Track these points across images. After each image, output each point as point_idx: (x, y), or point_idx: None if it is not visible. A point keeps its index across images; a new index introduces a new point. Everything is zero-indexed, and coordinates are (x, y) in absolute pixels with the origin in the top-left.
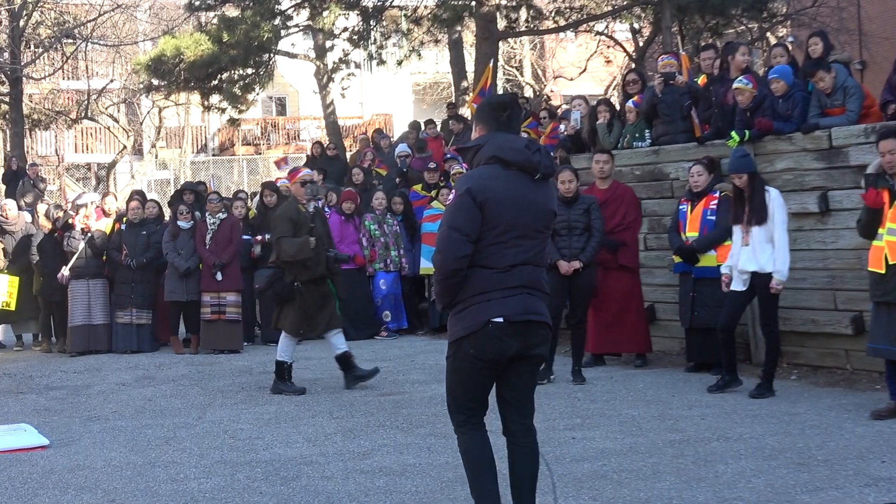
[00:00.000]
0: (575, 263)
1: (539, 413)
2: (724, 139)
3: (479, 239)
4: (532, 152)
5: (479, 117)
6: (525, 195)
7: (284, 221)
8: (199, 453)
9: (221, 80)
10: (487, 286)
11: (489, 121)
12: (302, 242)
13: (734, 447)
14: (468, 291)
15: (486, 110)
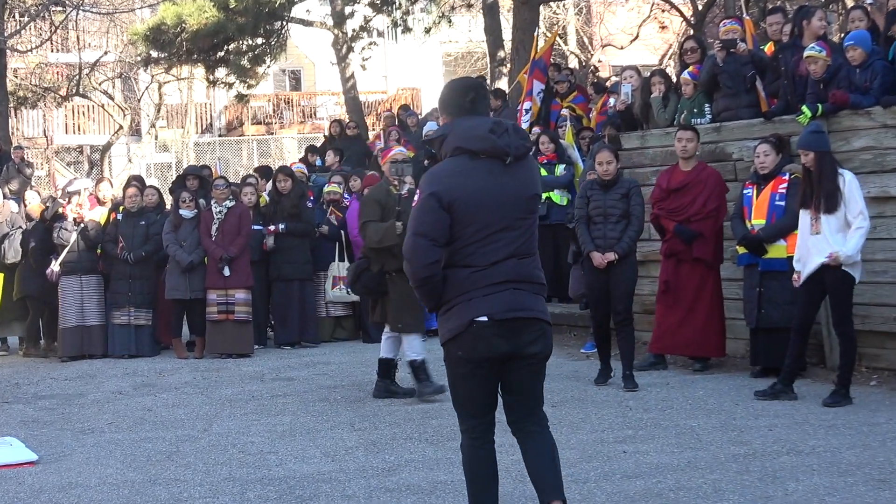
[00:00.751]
0: (609, 255)
1: (586, 424)
2: (794, 114)
3: (453, 239)
4: (498, 136)
5: (441, 104)
6: (498, 185)
7: (371, 204)
8: (204, 470)
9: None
10: (468, 285)
11: (451, 107)
12: (388, 227)
13: (806, 462)
14: (450, 292)
15: (448, 96)
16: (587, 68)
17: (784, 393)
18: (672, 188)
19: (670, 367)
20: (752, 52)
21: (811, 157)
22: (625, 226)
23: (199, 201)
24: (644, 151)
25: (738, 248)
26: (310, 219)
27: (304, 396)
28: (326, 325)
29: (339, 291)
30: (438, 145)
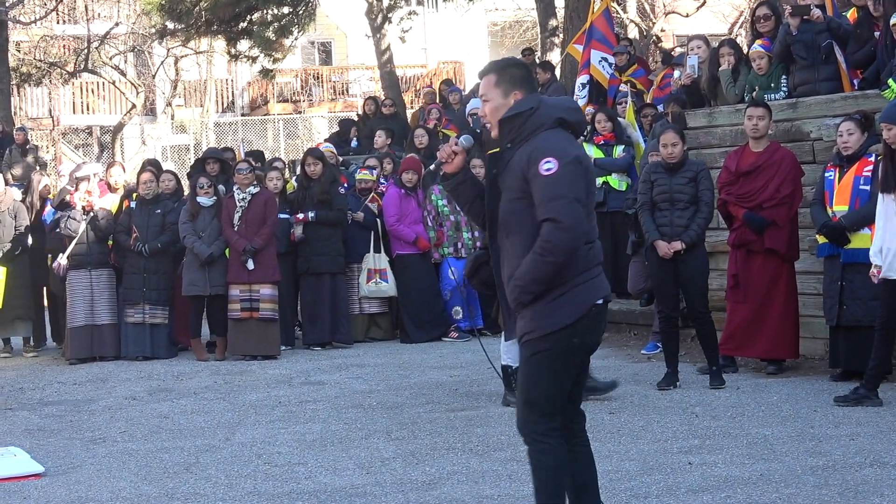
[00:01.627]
0: (676, 244)
1: (648, 432)
2: (879, 88)
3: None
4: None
5: (514, 79)
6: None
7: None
8: (226, 483)
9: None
10: (583, 265)
11: (526, 83)
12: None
13: (892, 475)
14: (568, 272)
15: (519, 71)
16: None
17: (867, 398)
18: (742, 171)
19: (741, 370)
20: (829, 19)
21: (894, 133)
22: (693, 212)
23: (218, 188)
24: (711, 130)
25: (818, 237)
26: (342, 206)
27: (335, 402)
28: (360, 323)
29: (373, 286)
30: (524, 119)
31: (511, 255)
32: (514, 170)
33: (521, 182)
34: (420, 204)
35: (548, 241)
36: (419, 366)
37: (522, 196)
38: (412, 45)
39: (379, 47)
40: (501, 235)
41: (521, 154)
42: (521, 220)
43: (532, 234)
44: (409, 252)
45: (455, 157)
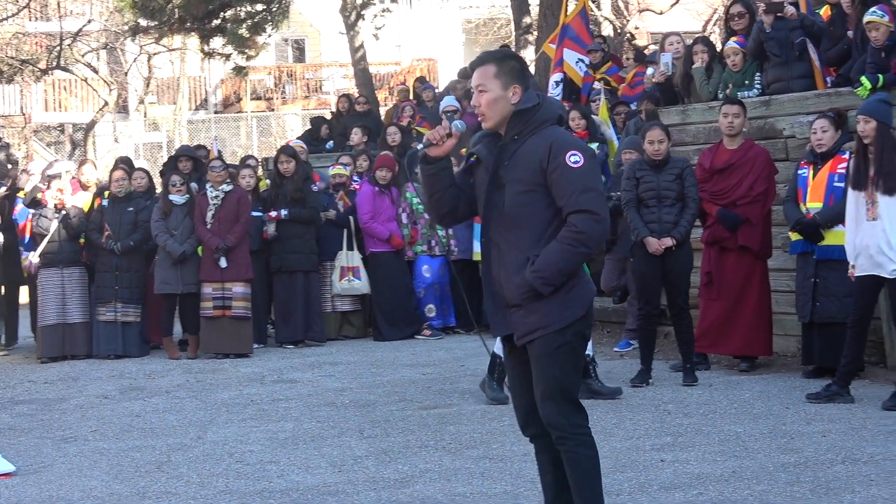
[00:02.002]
0: (666, 241)
1: (620, 430)
2: (852, 86)
3: None
4: None
5: (516, 73)
6: None
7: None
8: (198, 481)
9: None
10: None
11: (524, 76)
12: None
13: (863, 471)
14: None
15: (518, 64)
16: (622, 36)
17: (839, 395)
18: (716, 168)
19: (713, 368)
20: (803, 16)
21: (871, 127)
22: (680, 209)
23: (190, 185)
24: (685, 128)
25: (792, 234)
26: (315, 204)
27: (308, 400)
28: (333, 321)
29: (347, 283)
30: (533, 114)
31: (512, 249)
32: (526, 161)
33: (534, 174)
34: (394, 201)
35: (583, 232)
36: (392, 364)
37: (532, 189)
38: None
39: (353, 44)
40: (499, 229)
41: (533, 146)
42: (530, 213)
43: (540, 227)
44: (383, 250)
45: (447, 141)
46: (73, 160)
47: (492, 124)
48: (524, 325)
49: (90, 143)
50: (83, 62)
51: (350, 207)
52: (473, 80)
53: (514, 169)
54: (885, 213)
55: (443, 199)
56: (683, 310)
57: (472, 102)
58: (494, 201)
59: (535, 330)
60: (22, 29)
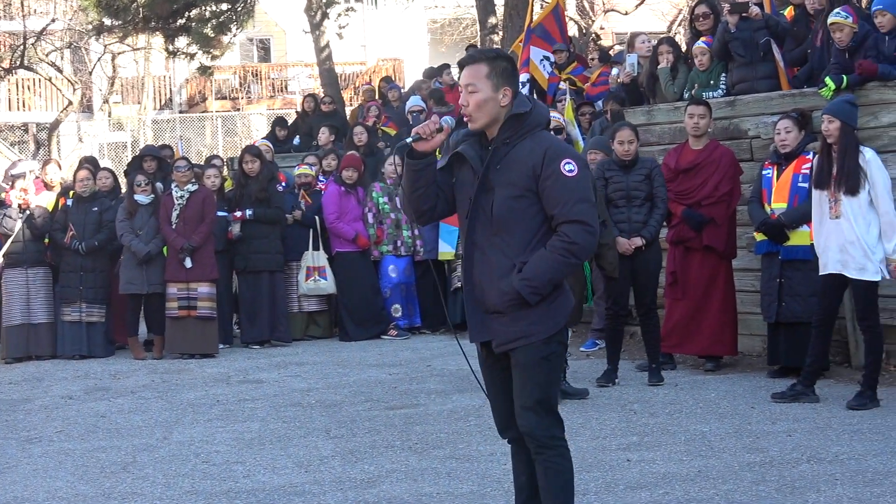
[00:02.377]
0: (636, 240)
1: (587, 429)
2: (817, 87)
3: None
4: None
5: (504, 74)
6: None
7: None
8: (164, 482)
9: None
10: None
11: (515, 79)
12: None
13: (828, 470)
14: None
15: (509, 65)
16: (588, 36)
17: (804, 395)
18: (681, 168)
19: (679, 367)
20: (767, 16)
21: (835, 127)
22: (649, 209)
23: (155, 185)
24: (650, 128)
25: (756, 234)
26: (280, 204)
27: (274, 400)
28: (299, 321)
29: (312, 283)
30: (526, 118)
31: (497, 254)
32: (519, 166)
33: (526, 180)
34: (360, 201)
35: (575, 242)
36: (358, 364)
37: (524, 194)
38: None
39: (318, 44)
40: (485, 233)
41: (525, 151)
42: (520, 218)
43: (528, 234)
44: (349, 250)
45: (436, 136)
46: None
47: (479, 126)
48: (506, 333)
49: (54, 143)
50: (47, 61)
51: (315, 207)
52: (463, 78)
53: (505, 173)
54: (848, 212)
55: (425, 195)
56: (651, 309)
57: (459, 101)
58: (481, 204)
59: (518, 338)
60: None
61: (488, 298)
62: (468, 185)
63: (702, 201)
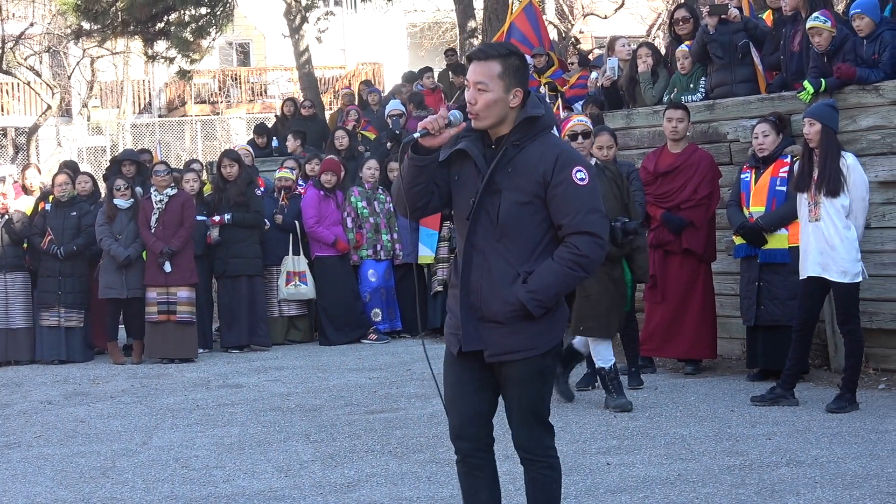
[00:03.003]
0: None
1: (566, 433)
2: (795, 91)
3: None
4: None
5: (517, 74)
6: None
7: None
8: (143, 487)
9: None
10: None
11: (526, 79)
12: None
13: (808, 473)
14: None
15: (522, 64)
16: (567, 40)
17: (784, 398)
18: (660, 172)
19: (659, 371)
20: (746, 19)
21: (816, 130)
22: None
23: (135, 189)
24: (629, 132)
25: (735, 238)
26: (259, 208)
27: (253, 405)
28: (279, 325)
29: (293, 288)
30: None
31: (500, 260)
32: (528, 170)
33: (535, 185)
34: (339, 205)
35: (585, 255)
36: (338, 368)
37: (531, 200)
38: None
39: (297, 48)
40: (487, 237)
41: (535, 155)
42: (526, 225)
43: (533, 241)
44: (328, 254)
45: (444, 131)
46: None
47: (484, 125)
48: (502, 344)
49: (33, 148)
50: (26, 66)
51: (295, 211)
52: (472, 75)
53: (514, 176)
54: (828, 215)
55: (423, 191)
56: (629, 313)
57: (466, 97)
58: (485, 206)
59: (516, 350)
60: None
61: (487, 306)
62: (470, 184)
63: (681, 205)
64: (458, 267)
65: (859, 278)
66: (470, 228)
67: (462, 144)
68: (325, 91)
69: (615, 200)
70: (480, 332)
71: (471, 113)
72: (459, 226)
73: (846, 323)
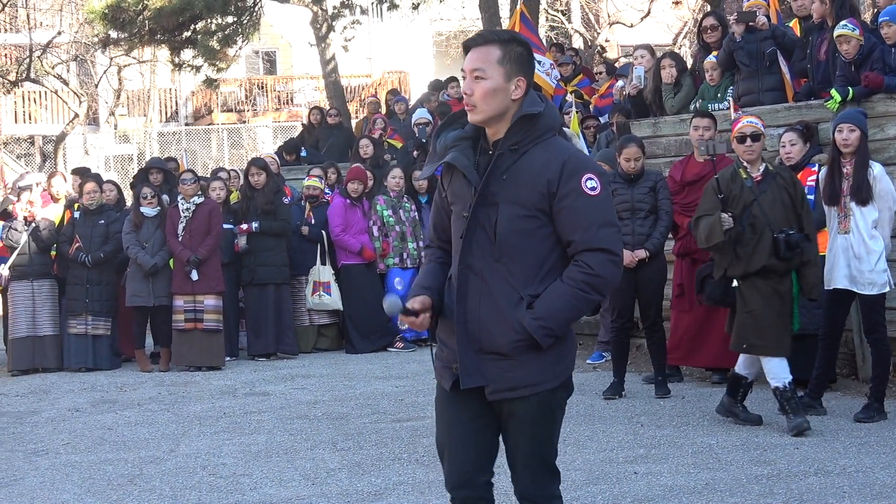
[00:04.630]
0: (640, 252)
1: (594, 442)
2: (823, 100)
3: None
4: None
5: (520, 61)
6: None
7: (707, 194)
8: (171, 495)
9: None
10: None
11: (530, 68)
12: (713, 221)
13: (836, 483)
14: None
15: (525, 51)
16: (593, 48)
17: (811, 407)
18: (686, 181)
19: (686, 380)
20: (774, 27)
21: (857, 136)
22: (653, 221)
23: (161, 198)
24: (656, 140)
25: None
26: (286, 216)
27: (280, 413)
28: (309, 334)
29: (318, 298)
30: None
31: (501, 283)
32: (530, 179)
33: (538, 197)
34: (365, 214)
35: (600, 276)
36: (364, 376)
37: (534, 214)
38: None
39: (323, 56)
40: (485, 256)
41: (538, 161)
42: (529, 242)
43: (538, 260)
44: (355, 262)
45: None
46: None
47: (480, 118)
48: (506, 379)
49: (60, 156)
50: (53, 74)
51: (321, 220)
52: (469, 63)
53: (512, 186)
54: (857, 227)
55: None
56: (656, 322)
57: (462, 88)
58: (481, 221)
59: (522, 386)
60: None
61: (488, 336)
62: (462, 198)
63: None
64: (451, 291)
65: (886, 288)
66: (464, 247)
67: (449, 156)
68: (352, 99)
69: (784, 209)
70: (480, 365)
71: (467, 105)
72: (454, 244)
73: (872, 332)
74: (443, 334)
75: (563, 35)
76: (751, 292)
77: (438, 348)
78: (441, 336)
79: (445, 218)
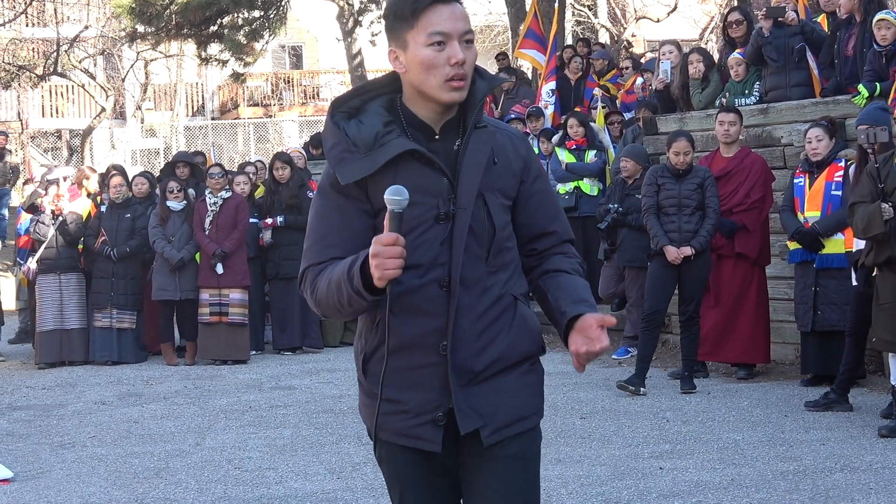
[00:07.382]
0: (686, 249)
1: (619, 437)
2: (850, 95)
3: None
4: None
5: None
6: None
7: (863, 181)
8: (196, 488)
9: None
10: None
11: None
12: (872, 211)
13: (862, 479)
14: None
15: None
16: (619, 43)
17: (838, 403)
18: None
19: (711, 375)
20: (803, 22)
21: (886, 133)
22: (700, 218)
23: (188, 192)
24: None
25: (789, 243)
26: None
27: (306, 407)
28: (337, 327)
29: None
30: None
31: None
32: (505, 164)
33: (514, 182)
34: None
35: (583, 266)
36: None
37: (510, 203)
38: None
39: (350, 51)
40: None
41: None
42: (510, 237)
43: (513, 255)
44: None
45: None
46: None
47: (463, 97)
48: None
49: (87, 150)
50: (80, 68)
51: None
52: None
53: (492, 172)
54: None
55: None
56: (693, 318)
57: (452, 56)
58: (465, 220)
59: (524, 417)
60: (19, 35)
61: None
62: (427, 196)
63: (733, 208)
64: (402, 324)
65: None
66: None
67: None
68: None
69: None
70: (473, 400)
71: (460, 78)
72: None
73: None
74: (393, 388)
75: (590, 30)
76: (884, 284)
77: (380, 404)
78: (391, 393)
79: (358, 223)
